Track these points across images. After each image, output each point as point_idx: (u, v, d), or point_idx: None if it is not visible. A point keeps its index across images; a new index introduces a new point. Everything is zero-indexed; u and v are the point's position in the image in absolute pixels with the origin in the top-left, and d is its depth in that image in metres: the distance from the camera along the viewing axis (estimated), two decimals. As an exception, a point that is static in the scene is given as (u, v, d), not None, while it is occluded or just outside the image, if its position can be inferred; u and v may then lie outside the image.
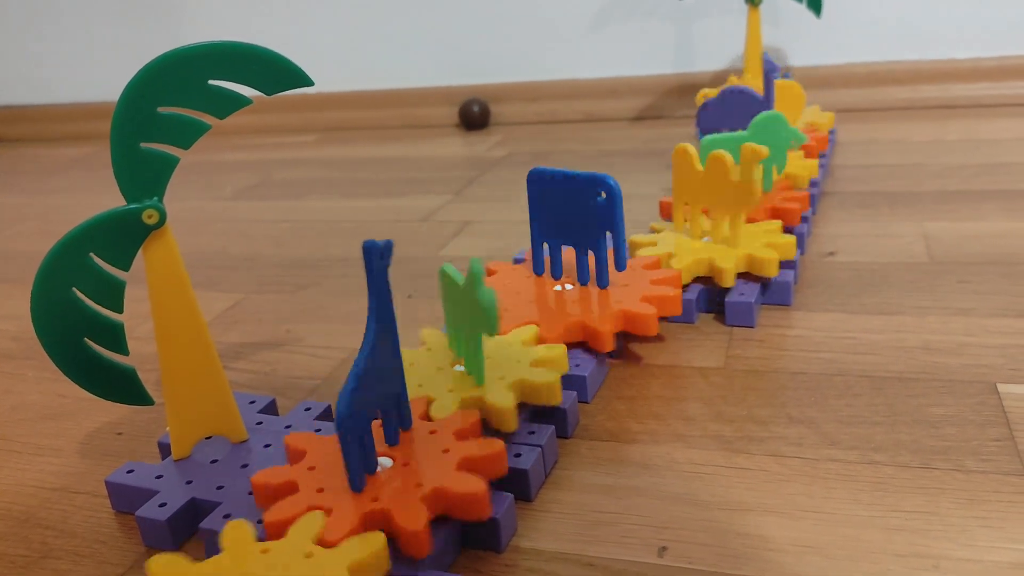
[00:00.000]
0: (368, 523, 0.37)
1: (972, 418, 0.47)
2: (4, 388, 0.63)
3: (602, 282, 0.57)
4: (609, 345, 0.53)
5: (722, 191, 0.62)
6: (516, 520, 0.42)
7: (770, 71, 0.75)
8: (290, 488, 0.39)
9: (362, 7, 1.42)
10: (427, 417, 0.45)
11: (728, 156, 0.61)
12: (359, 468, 0.38)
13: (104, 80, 1.60)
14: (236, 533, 0.36)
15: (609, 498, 0.43)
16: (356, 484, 0.38)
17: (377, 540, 0.35)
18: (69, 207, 1.16)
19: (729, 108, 0.79)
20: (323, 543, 0.35)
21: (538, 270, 0.60)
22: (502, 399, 0.45)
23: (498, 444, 0.41)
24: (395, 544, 0.37)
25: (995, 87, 1.16)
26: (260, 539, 0.37)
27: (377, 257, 0.37)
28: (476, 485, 0.38)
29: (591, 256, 0.59)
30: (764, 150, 0.59)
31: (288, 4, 1.45)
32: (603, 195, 0.55)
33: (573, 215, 0.57)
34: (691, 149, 0.64)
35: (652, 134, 1.22)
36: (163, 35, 1.53)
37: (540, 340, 0.52)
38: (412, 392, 0.47)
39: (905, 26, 1.19)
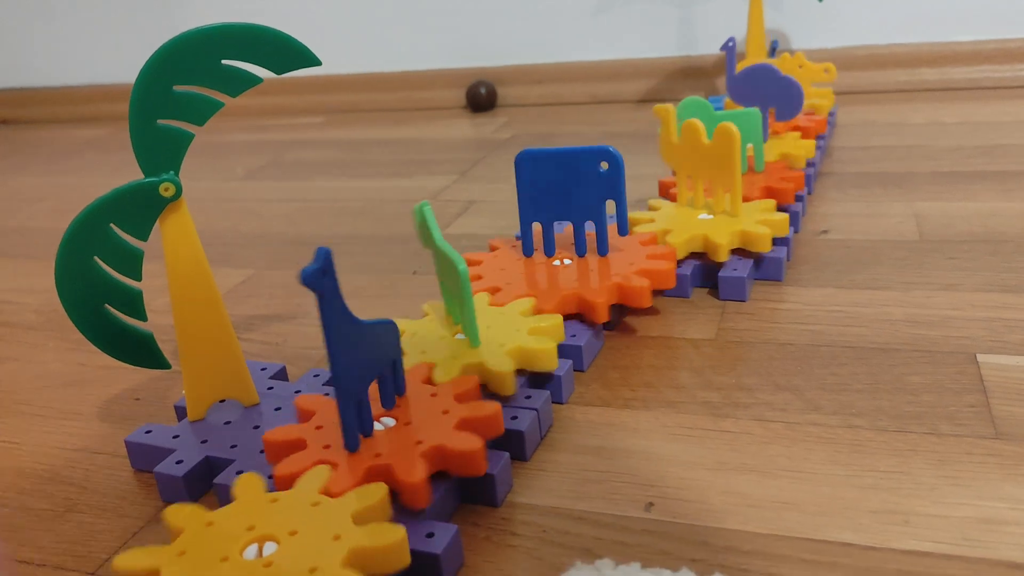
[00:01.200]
0: (371, 477, 0.39)
1: (950, 386, 0.49)
2: (28, 357, 0.65)
3: (603, 250, 0.61)
4: (604, 316, 0.55)
5: (698, 157, 0.65)
6: (512, 477, 0.44)
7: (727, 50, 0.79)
8: (299, 445, 0.42)
9: (371, -10, 1.44)
10: (430, 382, 0.47)
11: (699, 123, 0.64)
12: (355, 431, 0.41)
13: (116, 63, 1.62)
14: (247, 484, 0.39)
15: (600, 458, 0.46)
16: (351, 445, 0.41)
17: (379, 490, 0.37)
18: (84, 187, 1.19)
19: (755, 83, 0.80)
20: (328, 494, 0.38)
21: (528, 251, 0.62)
22: (501, 364, 0.47)
23: (494, 406, 0.43)
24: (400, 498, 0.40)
25: (996, 70, 1.17)
26: (270, 491, 0.39)
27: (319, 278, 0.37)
28: (472, 443, 0.40)
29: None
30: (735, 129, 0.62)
31: (298, -13, 1.47)
32: (605, 165, 0.58)
33: (572, 190, 0.59)
34: (670, 108, 0.67)
35: (656, 116, 1.23)
36: (173, 18, 1.55)
37: (537, 311, 0.55)
38: (416, 359, 0.49)
39: (906, 9, 1.20)
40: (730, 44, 0.80)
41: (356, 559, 0.34)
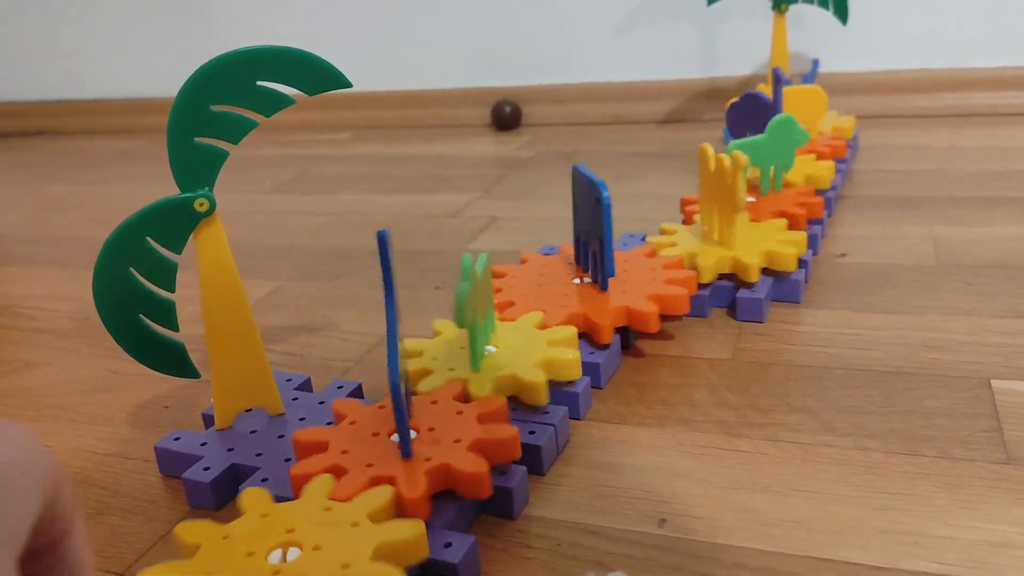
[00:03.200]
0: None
1: (963, 410, 0.50)
2: (61, 363, 0.67)
3: (603, 284, 0.60)
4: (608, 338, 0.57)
5: (720, 192, 0.65)
6: (529, 491, 0.45)
7: (779, 81, 0.79)
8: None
9: (399, 11, 1.46)
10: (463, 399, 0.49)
11: (726, 159, 0.64)
12: (407, 432, 0.43)
13: (149, 77, 1.66)
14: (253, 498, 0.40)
15: (615, 474, 0.47)
16: (406, 451, 0.42)
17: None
18: (116, 197, 1.22)
19: (746, 111, 0.82)
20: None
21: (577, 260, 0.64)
22: (534, 375, 0.49)
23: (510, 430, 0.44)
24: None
25: (1016, 96, 1.17)
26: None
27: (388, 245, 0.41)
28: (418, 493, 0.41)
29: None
30: (744, 158, 0.62)
31: (327, 6, 1.50)
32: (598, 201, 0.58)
33: (588, 212, 0.61)
34: (710, 149, 0.67)
35: (678, 136, 1.25)
36: (205, 36, 1.58)
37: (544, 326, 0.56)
38: (445, 377, 0.50)
39: (930, 34, 1.20)
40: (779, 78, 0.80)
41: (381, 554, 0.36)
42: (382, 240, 0.41)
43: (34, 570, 0.22)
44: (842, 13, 1.11)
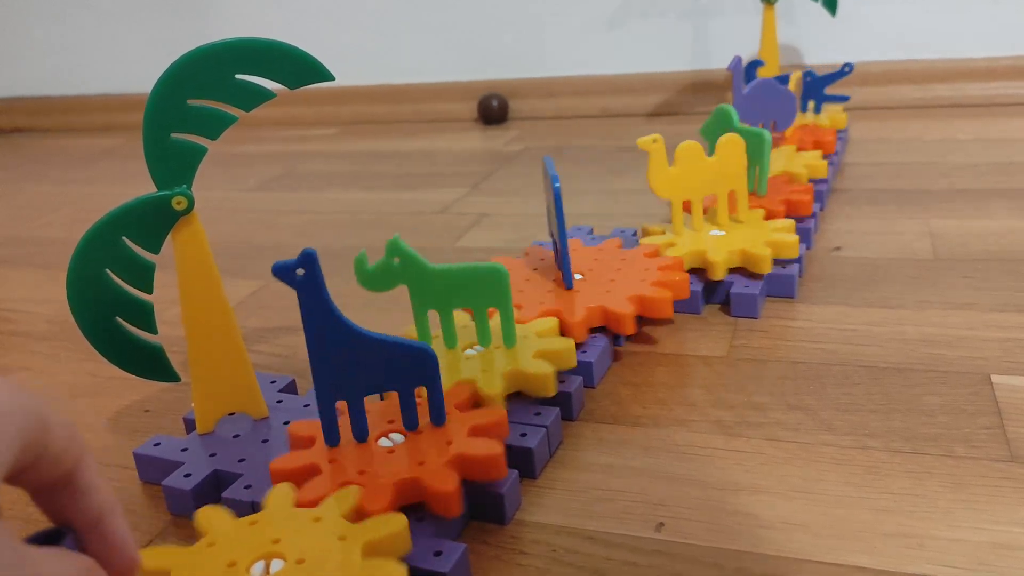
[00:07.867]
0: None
1: (965, 407, 0.48)
2: (39, 368, 0.65)
3: (566, 283, 0.59)
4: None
5: (699, 177, 0.66)
6: (521, 495, 0.44)
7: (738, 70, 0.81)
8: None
9: (384, 3, 1.44)
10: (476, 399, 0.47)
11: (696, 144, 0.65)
12: (332, 425, 0.43)
13: (132, 73, 1.63)
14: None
15: (611, 477, 0.45)
16: (329, 440, 0.43)
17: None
18: (100, 196, 1.20)
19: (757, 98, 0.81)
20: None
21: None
22: (538, 367, 0.48)
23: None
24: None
25: (1010, 86, 1.16)
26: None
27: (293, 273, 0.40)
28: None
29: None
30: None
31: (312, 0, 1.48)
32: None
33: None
34: (659, 139, 0.65)
35: (668, 130, 1.22)
36: (190, 29, 1.56)
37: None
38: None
39: (920, 25, 1.19)
40: (736, 63, 0.80)
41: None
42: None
43: (57, 501, 0.25)
44: (831, 5, 1.10)
